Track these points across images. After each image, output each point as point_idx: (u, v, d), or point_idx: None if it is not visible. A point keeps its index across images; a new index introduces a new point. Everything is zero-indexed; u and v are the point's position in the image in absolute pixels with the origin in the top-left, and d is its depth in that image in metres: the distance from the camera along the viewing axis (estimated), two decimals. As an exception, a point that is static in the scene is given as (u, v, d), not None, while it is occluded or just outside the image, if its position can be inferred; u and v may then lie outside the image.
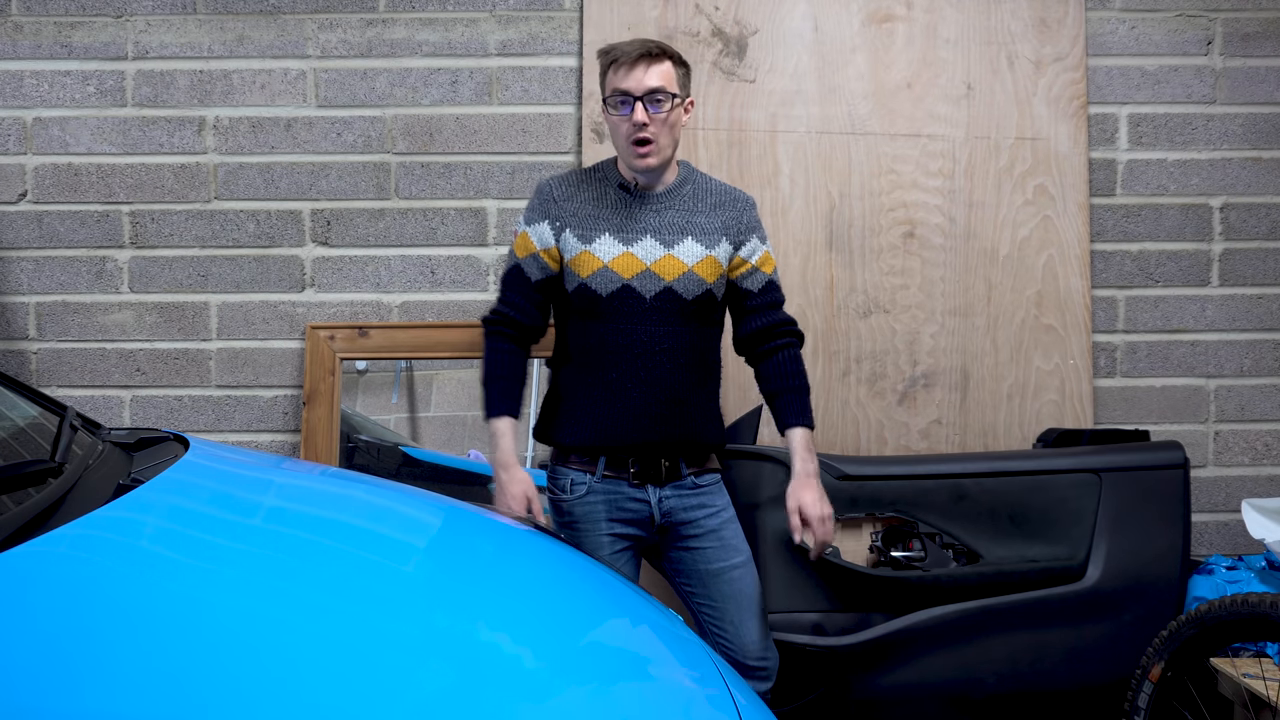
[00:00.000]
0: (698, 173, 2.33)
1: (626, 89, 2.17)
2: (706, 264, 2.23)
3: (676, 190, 2.27)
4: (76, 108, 3.06)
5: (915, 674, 2.60)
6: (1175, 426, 3.10)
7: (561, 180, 2.31)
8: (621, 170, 2.28)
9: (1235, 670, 2.54)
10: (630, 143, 2.18)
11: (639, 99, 2.16)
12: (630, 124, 2.17)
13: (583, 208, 2.25)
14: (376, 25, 3.06)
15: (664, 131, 2.18)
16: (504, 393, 2.26)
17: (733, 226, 2.28)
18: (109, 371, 3.08)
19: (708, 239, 2.24)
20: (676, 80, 2.20)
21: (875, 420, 3.03)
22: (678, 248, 2.22)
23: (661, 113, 2.17)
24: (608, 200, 2.26)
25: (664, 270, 2.20)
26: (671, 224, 2.23)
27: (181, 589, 1.22)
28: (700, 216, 2.25)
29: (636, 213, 2.24)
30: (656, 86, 2.16)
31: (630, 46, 2.19)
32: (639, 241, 2.22)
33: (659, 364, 2.21)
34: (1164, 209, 3.11)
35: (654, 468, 2.24)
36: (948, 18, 3.05)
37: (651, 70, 2.16)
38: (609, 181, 2.28)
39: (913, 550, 2.75)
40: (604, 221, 2.23)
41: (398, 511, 1.77)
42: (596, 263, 2.21)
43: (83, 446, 1.67)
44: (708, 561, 2.26)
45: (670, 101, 2.18)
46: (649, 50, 2.17)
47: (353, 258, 3.07)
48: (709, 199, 2.28)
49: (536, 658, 1.29)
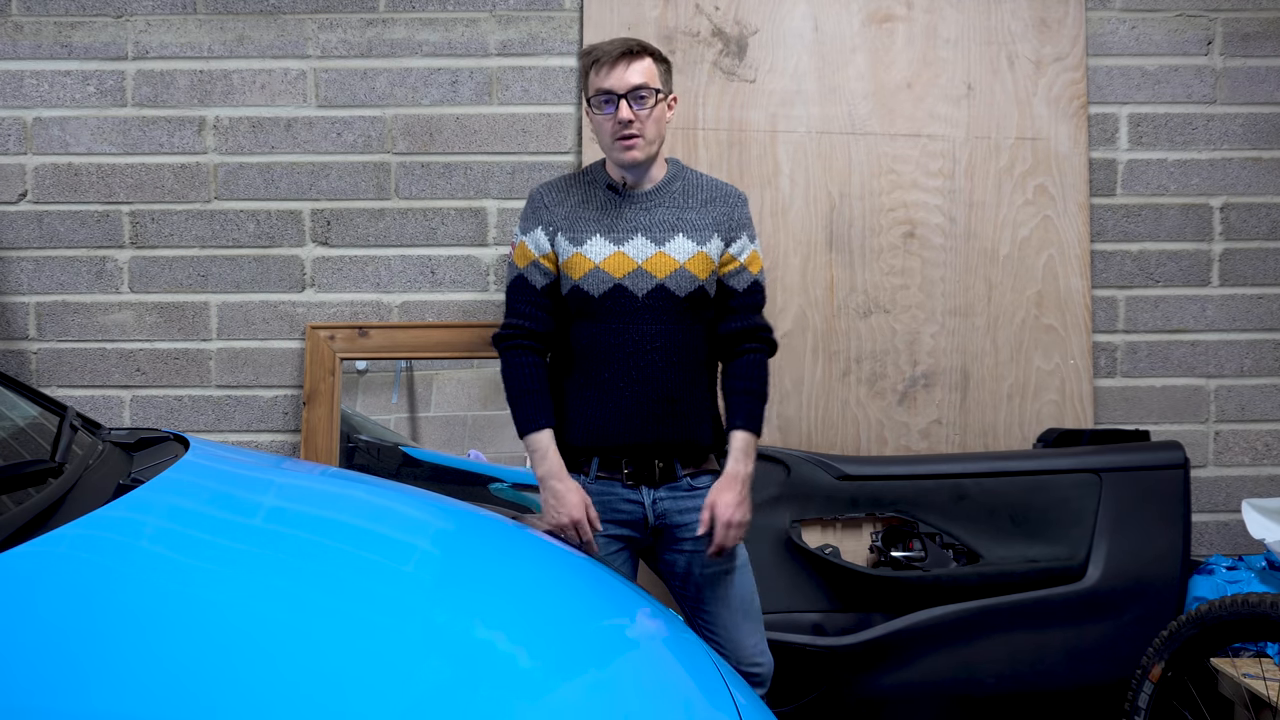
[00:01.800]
0: (687, 169, 2.33)
1: (609, 88, 2.18)
2: (698, 260, 2.23)
3: (666, 187, 2.27)
4: (76, 108, 3.06)
5: (915, 674, 2.60)
6: (1175, 426, 3.10)
7: (550, 186, 2.31)
8: (610, 171, 2.28)
9: (1235, 670, 2.54)
10: (615, 139, 2.19)
11: (622, 96, 2.17)
12: (615, 122, 2.18)
13: (573, 210, 2.25)
14: (376, 25, 3.06)
15: (649, 127, 2.19)
16: (537, 406, 2.22)
17: (724, 222, 2.27)
18: (109, 371, 3.08)
19: (699, 235, 2.24)
20: (658, 76, 2.21)
21: (875, 420, 3.03)
22: (669, 245, 2.22)
23: (645, 109, 2.18)
24: (596, 201, 2.26)
25: (655, 268, 2.20)
26: (662, 221, 2.23)
27: (182, 589, 1.22)
28: (691, 213, 2.25)
29: (626, 212, 2.24)
30: (639, 83, 2.17)
31: (610, 46, 2.20)
32: (630, 240, 2.22)
33: (651, 363, 2.20)
34: (1164, 209, 3.11)
35: (648, 469, 2.23)
36: (948, 18, 3.05)
37: (633, 68, 2.17)
38: (597, 183, 2.28)
39: (913, 550, 2.75)
40: (594, 223, 2.24)
41: (398, 511, 1.77)
42: (588, 264, 2.21)
43: (83, 446, 1.67)
44: (702, 564, 2.25)
45: (654, 97, 2.19)
46: (629, 48, 2.19)
47: (353, 258, 3.07)
48: (700, 194, 2.28)
49: (536, 657, 1.29)
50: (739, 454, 2.23)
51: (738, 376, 2.30)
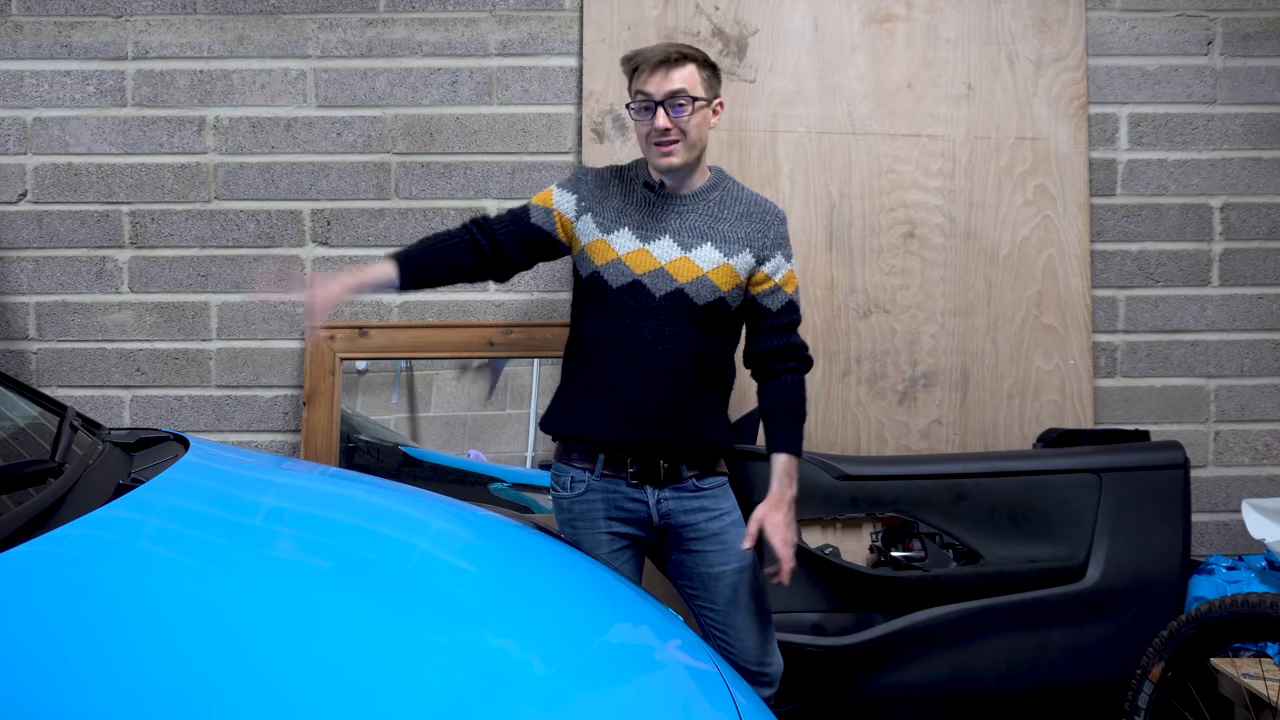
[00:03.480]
0: (730, 180, 2.32)
1: (648, 92, 2.19)
2: (722, 271, 2.22)
3: (704, 195, 2.27)
4: (76, 108, 3.06)
5: (915, 674, 2.60)
6: (1175, 426, 3.10)
7: (599, 172, 2.35)
8: (650, 171, 2.29)
9: (1235, 670, 2.54)
10: (651, 144, 2.20)
11: (660, 103, 2.17)
12: (651, 128, 2.18)
13: (610, 200, 2.28)
14: (376, 25, 3.06)
15: (689, 133, 2.19)
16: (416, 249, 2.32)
17: (757, 240, 2.26)
18: (109, 371, 3.08)
19: (728, 247, 2.24)
20: (701, 83, 2.21)
21: (875, 420, 3.03)
22: (695, 252, 2.22)
23: (683, 115, 2.18)
24: (634, 197, 2.28)
25: (678, 272, 2.20)
26: (693, 227, 2.24)
27: (182, 589, 1.22)
28: (724, 224, 2.25)
29: (660, 213, 2.25)
30: (677, 89, 2.17)
31: (653, 52, 2.21)
32: (657, 240, 2.22)
33: (660, 364, 2.20)
34: (1164, 209, 3.11)
35: (653, 468, 2.23)
36: (948, 18, 3.05)
37: (673, 74, 2.17)
38: (637, 180, 2.30)
39: (913, 550, 2.75)
40: (627, 217, 2.25)
41: (398, 511, 1.77)
42: (611, 254, 2.22)
43: (83, 446, 1.67)
44: (709, 565, 2.26)
45: (692, 105, 2.18)
46: (670, 55, 2.19)
47: (353, 258, 3.07)
48: (736, 207, 2.28)
49: (535, 658, 1.29)
50: (784, 476, 2.26)
51: (776, 398, 2.30)
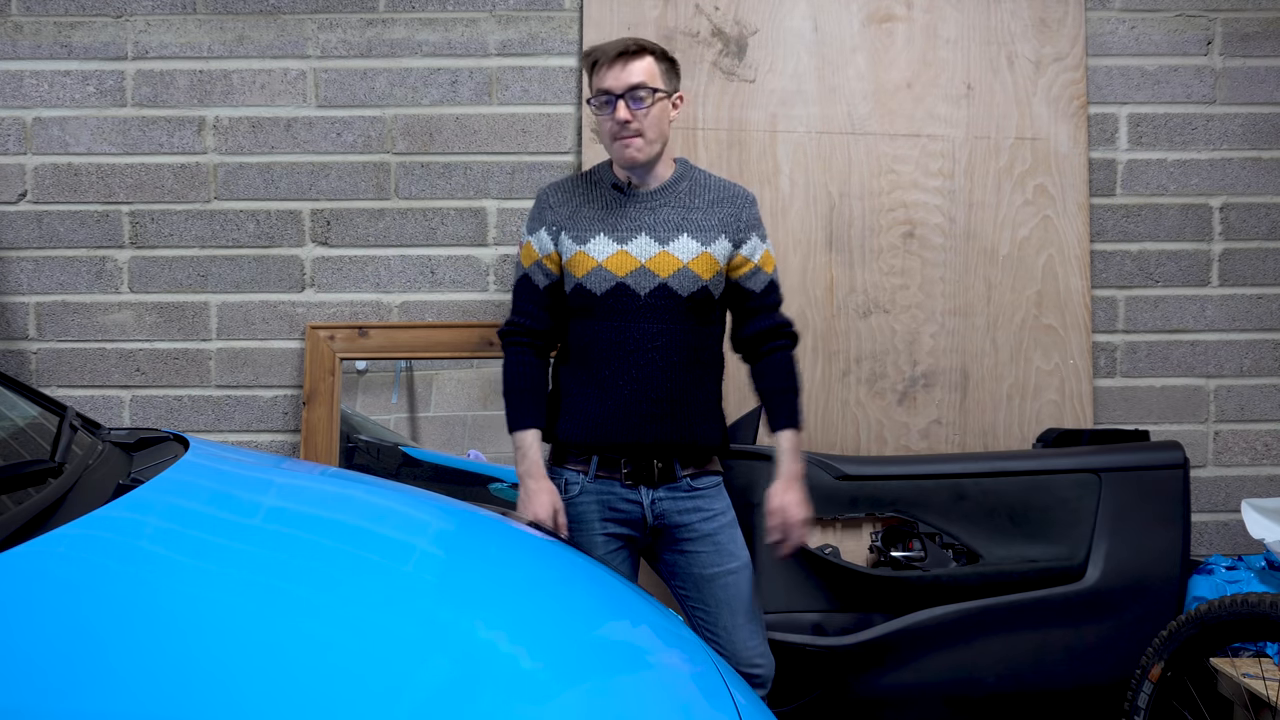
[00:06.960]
0: (695, 169, 2.33)
1: (607, 87, 2.19)
2: (702, 260, 2.23)
3: (672, 187, 2.27)
4: (76, 108, 3.06)
5: (915, 674, 2.60)
6: (1175, 426, 3.10)
7: (556, 186, 2.33)
8: (615, 171, 2.29)
9: (1235, 670, 2.54)
10: (614, 139, 2.20)
11: (620, 96, 2.17)
12: (613, 121, 2.19)
13: (578, 210, 2.27)
14: (376, 25, 3.06)
15: (650, 126, 2.19)
16: (527, 404, 2.28)
17: (731, 223, 2.27)
18: (109, 371, 3.08)
19: (704, 235, 2.24)
20: (660, 75, 2.21)
21: (875, 420, 3.03)
22: (673, 244, 2.22)
23: (644, 108, 2.18)
24: (601, 201, 2.27)
25: (658, 267, 2.20)
26: (667, 221, 2.24)
27: (182, 589, 1.22)
28: (697, 213, 2.25)
29: (630, 211, 2.24)
30: (637, 83, 2.17)
31: (610, 46, 2.21)
32: (633, 239, 2.22)
33: (651, 361, 2.20)
34: (1164, 209, 3.11)
35: (647, 468, 2.23)
36: (948, 18, 3.05)
37: (631, 67, 2.18)
38: (603, 183, 2.29)
39: (913, 550, 2.75)
40: (598, 222, 2.24)
41: (398, 511, 1.77)
42: (591, 262, 2.22)
43: (83, 446, 1.67)
44: (702, 566, 2.25)
45: (652, 96, 2.18)
46: (628, 48, 2.19)
47: (352, 258, 3.07)
48: (707, 195, 2.28)
49: (535, 657, 1.29)
50: (792, 453, 2.27)
51: (771, 376, 2.32)
